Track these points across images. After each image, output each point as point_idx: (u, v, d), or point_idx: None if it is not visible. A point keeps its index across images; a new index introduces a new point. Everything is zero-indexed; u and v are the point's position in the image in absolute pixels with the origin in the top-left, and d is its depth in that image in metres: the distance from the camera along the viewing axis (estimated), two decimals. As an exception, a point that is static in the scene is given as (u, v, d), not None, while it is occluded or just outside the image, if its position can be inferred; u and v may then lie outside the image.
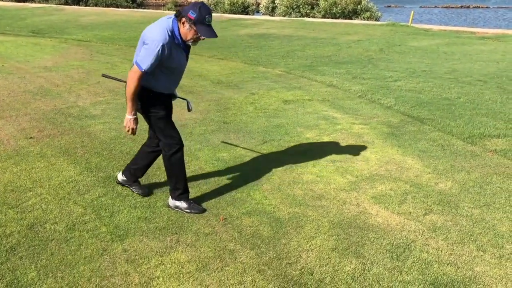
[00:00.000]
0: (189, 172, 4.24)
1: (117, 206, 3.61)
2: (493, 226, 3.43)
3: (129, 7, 34.87)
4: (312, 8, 24.88)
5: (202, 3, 3.17)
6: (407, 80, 8.31)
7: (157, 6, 46.12)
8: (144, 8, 35.91)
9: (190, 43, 3.24)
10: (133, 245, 3.10)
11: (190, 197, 3.64)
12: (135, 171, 3.79)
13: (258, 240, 3.20)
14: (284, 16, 24.77)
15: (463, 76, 8.65)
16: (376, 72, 9.12)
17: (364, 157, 4.71)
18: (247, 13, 26.91)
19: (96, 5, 35.52)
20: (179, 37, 3.20)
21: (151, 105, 3.42)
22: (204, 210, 3.56)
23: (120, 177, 3.89)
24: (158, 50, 3.09)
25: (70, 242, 3.12)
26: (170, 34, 3.16)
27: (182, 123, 5.75)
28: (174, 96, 3.64)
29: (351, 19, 23.38)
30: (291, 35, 15.54)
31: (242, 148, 4.87)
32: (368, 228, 3.37)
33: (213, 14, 3.29)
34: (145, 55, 3.13)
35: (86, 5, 35.55)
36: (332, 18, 23.34)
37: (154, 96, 3.40)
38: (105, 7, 33.41)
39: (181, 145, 3.49)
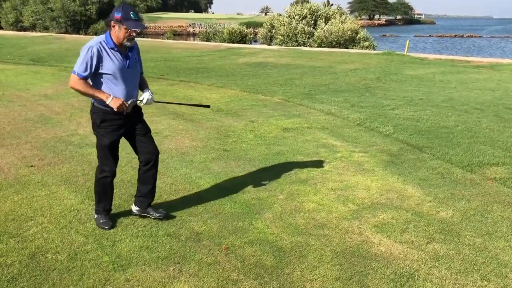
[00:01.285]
0: (190, 201, 4.26)
1: (119, 235, 3.59)
2: (496, 255, 3.42)
3: (129, 36, 35.23)
4: (309, 37, 25.30)
5: (124, 3, 3.37)
6: (405, 108, 8.40)
7: (156, 35, 46.79)
8: (143, 37, 36.39)
9: (126, 43, 3.39)
10: (135, 275, 3.08)
11: (193, 228, 3.65)
12: (143, 199, 3.83)
13: (261, 270, 3.18)
14: (281, 45, 25.15)
15: (460, 105, 8.76)
16: (374, 100, 9.23)
17: (365, 186, 4.72)
18: (244, 42, 27.34)
19: (96, 33, 35.99)
20: (111, 42, 3.38)
21: (99, 127, 3.57)
22: (112, 227, 3.68)
23: (134, 208, 3.90)
24: (88, 53, 3.32)
25: (72, 272, 3.09)
26: (103, 40, 3.39)
27: (183, 151, 5.77)
28: (132, 103, 3.59)
29: (348, 48, 23.77)
30: (288, 63, 15.75)
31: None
32: (371, 257, 3.36)
33: (211, 43, 3.37)
34: (77, 61, 3.37)
35: (86, 34, 36.09)
36: (328, 47, 23.72)
37: (102, 116, 3.51)
38: (104, 35, 33.76)
39: (112, 176, 3.71)
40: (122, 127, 3.60)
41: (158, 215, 3.82)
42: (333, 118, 7.61)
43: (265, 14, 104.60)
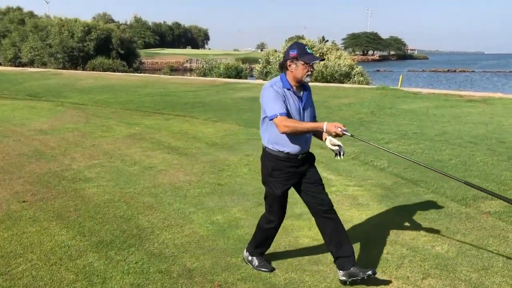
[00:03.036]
0: (183, 237, 4.21)
1: (109, 272, 3.53)
2: (492, 291, 3.37)
3: (126, 72, 35.85)
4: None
5: (295, 41, 3.31)
6: (399, 142, 8.44)
7: (153, 71, 47.42)
8: (140, 73, 36.91)
9: (305, 79, 3.24)
10: (125, 314, 3.00)
11: (185, 264, 3.59)
12: (342, 259, 3.37)
13: (254, 307, 3.11)
14: (277, 80, 25.42)
15: (454, 138, 8.81)
16: (368, 134, 9.28)
17: (359, 220, 4.69)
18: (240, 77, 27.67)
19: (93, 69, 36.54)
20: (287, 83, 3.24)
21: (271, 175, 3.36)
22: (272, 270, 3.57)
23: (340, 274, 3.39)
24: (273, 91, 3.17)
25: (60, 311, 3.02)
26: (277, 82, 3.26)
27: (177, 185, 5.75)
28: (305, 156, 3.38)
29: (343, 82, 24.08)
30: (284, 98, 15.89)
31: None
32: (366, 294, 3.30)
33: (208, 78, 3.42)
34: (268, 106, 3.17)
35: (83, 70, 36.56)
36: (323, 82, 24.03)
37: (275, 164, 3.31)
38: (102, 71, 34.34)
39: (279, 226, 3.58)
40: (294, 175, 3.37)
41: (369, 273, 3.27)
42: (328, 152, 7.62)
43: (261, 50, 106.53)
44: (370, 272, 3.27)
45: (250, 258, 3.66)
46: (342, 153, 3.42)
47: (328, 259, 3.82)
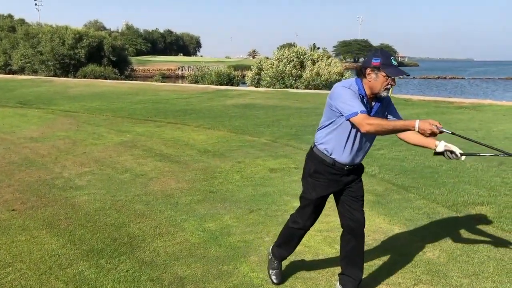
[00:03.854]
0: (174, 244, 4.19)
1: (100, 281, 3.50)
2: (483, 296, 3.38)
3: (117, 79, 35.78)
4: (296, 80, 25.79)
5: (381, 48, 3.05)
6: (390, 148, 8.49)
7: (145, 78, 47.37)
8: (132, 80, 36.86)
9: (383, 93, 2.94)
10: (115, 323, 2.97)
11: (177, 272, 3.56)
12: (348, 278, 3.32)
13: (246, 315, 3.10)
14: (269, 87, 25.53)
15: (444, 144, 8.86)
16: (360, 141, 9.31)
17: (351, 226, 4.69)
18: (232, 84, 27.71)
19: (84, 76, 36.42)
20: (363, 90, 2.96)
21: (310, 176, 3.19)
22: (281, 282, 3.49)
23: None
24: (351, 91, 2.91)
25: (50, 320, 2.98)
26: (352, 84, 2.98)
27: (168, 193, 5.72)
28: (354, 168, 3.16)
29: (333, 89, 24.17)
30: (275, 105, 15.94)
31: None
32: (358, 301, 3.29)
33: (200, 85, 3.41)
34: (344, 103, 2.88)
35: (74, 77, 36.42)
36: (315, 89, 24.15)
37: (317, 166, 3.14)
38: (93, 78, 34.23)
39: (304, 230, 3.39)
40: (336, 183, 3.18)
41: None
42: (320, 159, 7.64)
43: (253, 57, 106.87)
44: None
45: (271, 257, 3.56)
46: (460, 156, 3.06)
47: (320, 265, 3.82)
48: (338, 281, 3.40)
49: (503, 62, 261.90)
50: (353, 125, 2.93)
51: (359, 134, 3.02)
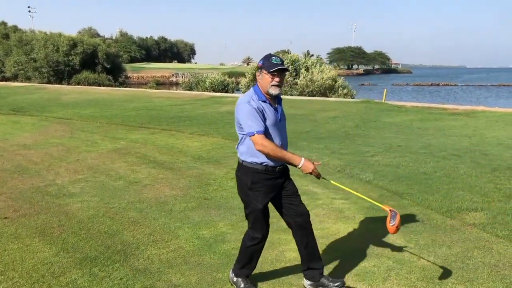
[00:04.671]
0: (168, 252, 4.16)
1: (93, 289, 3.46)
2: (478, 302, 3.38)
3: (111, 86, 35.70)
4: (291, 86, 25.86)
5: (269, 53, 3.27)
6: (384, 155, 8.51)
7: (139, 85, 47.33)
8: (126, 87, 36.80)
9: (272, 91, 3.19)
10: (109, 332, 2.94)
11: (171, 280, 3.54)
12: (312, 271, 3.48)
13: (240, 323, 3.07)
14: (263, 93, 25.56)
15: (438, 151, 8.91)
16: (354, 147, 9.34)
17: (346, 233, 4.69)
18: (227, 91, 27.74)
19: (78, 83, 36.32)
20: (261, 94, 3.21)
21: (250, 189, 3.28)
22: None
23: (307, 283, 3.53)
24: (250, 108, 3.12)
25: (42, 330, 2.95)
26: (252, 94, 3.22)
27: (162, 200, 5.70)
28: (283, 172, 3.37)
29: (327, 96, 24.29)
30: (270, 112, 15.95)
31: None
32: (353, 308, 3.28)
33: (194, 92, 3.47)
34: (245, 121, 3.14)
35: (68, 84, 36.31)
36: (309, 95, 24.22)
37: (252, 177, 3.26)
38: (87, 85, 34.15)
39: (264, 240, 3.44)
40: (274, 187, 3.33)
41: (336, 284, 3.42)
42: (314, 165, 7.64)
43: (247, 64, 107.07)
44: (339, 283, 3.42)
45: (235, 279, 3.55)
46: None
47: (315, 272, 3.80)
48: (304, 278, 3.53)
49: (495, 69, 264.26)
50: (268, 128, 3.18)
51: (276, 132, 3.24)
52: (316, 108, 17.07)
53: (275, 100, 3.31)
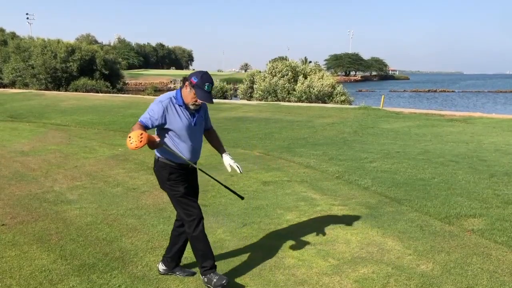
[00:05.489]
0: (167, 258, 4.14)
1: (91, 297, 3.44)
2: (478, 309, 3.37)
3: (109, 92, 35.70)
4: (289, 93, 25.91)
5: (206, 72, 3.44)
6: (382, 161, 8.51)
7: (137, 91, 47.34)
8: (124, 93, 36.78)
9: (192, 107, 3.45)
10: None
11: (166, 286, 3.55)
12: (171, 259, 3.80)
13: (239, 330, 3.06)
14: (261, 100, 25.63)
15: (436, 157, 8.93)
16: (352, 153, 9.35)
17: (345, 239, 4.68)
18: (225, 98, 27.77)
19: (76, 90, 36.29)
20: (181, 99, 3.44)
21: (169, 180, 3.54)
22: (228, 280, 3.55)
23: (161, 267, 3.85)
24: (158, 106, 3.36)
25: (40, 337, 2.93)
26: (173, 96, 3.45)
27: (161, 207, 5.68)
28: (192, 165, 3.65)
29: (325, 102, 24.34)
30: (268, 118, 15.98)
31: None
32: (352, 314, 3.27)
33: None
34: (146, 111, 3.40)
35: (66, 90, 36.28)
36: (307, 102, 24.27)
37: (170, 170, 3.52)
38: (85, 92, 34.14)
39: (202, 217, 3.58)
40: (186, 178, 3.62)
41: (186, 274, 3.81)
42: (312, 171, 7.65)
43: (245, 71, 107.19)
44: (186, 274, 3.79)
45: (206, 279, 3.56)
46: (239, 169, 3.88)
47: (314, 279, 3.80)
48: (160, 262, 3.84)
49: (491, 75, 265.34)
50: (180, 130, 3.44)
51: (188, 136, 3.50)
52: (314, 115, 17.10)
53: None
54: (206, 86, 3.37)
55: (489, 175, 7.36)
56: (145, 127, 3.35)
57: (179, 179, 3.56)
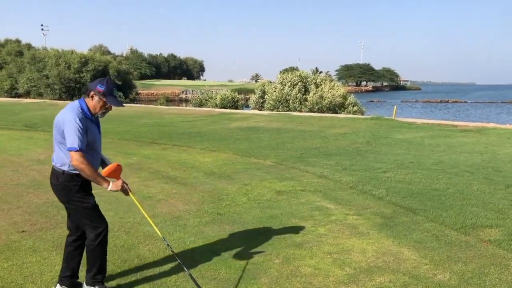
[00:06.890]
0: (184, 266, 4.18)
1: (111, 303, 3.49)
2: (496, 319, 3.36)
3: (122, 102, 35.94)
4: (300, 103, 25.96)
5: (108, 77, 3.46)
6: (396, 171, 8.50)
7: (149, 101, 47.75)
8: (136, 103, 37.11)
9: (99, 115, 3.48)
10: None
11: (186, 292, 3.55)
12: (71, 276, 3.67)
13: (258, 337, 3.08)
14: (272, 110, 25.70)
15: (450, 168, 8.89)
16: (365, 163, 9.34)
17: (360, 249, 4.69)
18: (236, 108, 27.91)
19: (89, 100, 36.55)
20: (88, 112, 3.41)
21: (78, 192, 3.47)
22: None
23: None
24: (78, 125, 3.28)
25: None
26: (80, 110, 3.38)
27: (176, 215, 5.74)
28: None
29: (337, 113, 24.34)
30: (279, 128, 16.03)
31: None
32: (370, 323, 3.28)
33: (204, 109, 3.60)
34: (71, 136, 3.28)
35: (79, 100, 36.52)
36: (319, 112, 24.29)
37: (79, 181, 3.46)
38: (98, 102, 34.36)
39: (106, 229, 3.59)
40: (90, 190, 3.62)
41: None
42: (326, 181, 7.66)
43: (256, 81, 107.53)
44: None
45: None
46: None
47: (331, 288, 3.81)
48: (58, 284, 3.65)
49: (504, 86, 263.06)
50: (92, 142, 3.42)
51: (97, 147, 3.52)
52: (325, 125, 17.11)
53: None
54: (114, 92, 3.43)
55: (505, 186, 7.31)
56: (84, 151, 3.30)
57: (88, 190, 3.55)
